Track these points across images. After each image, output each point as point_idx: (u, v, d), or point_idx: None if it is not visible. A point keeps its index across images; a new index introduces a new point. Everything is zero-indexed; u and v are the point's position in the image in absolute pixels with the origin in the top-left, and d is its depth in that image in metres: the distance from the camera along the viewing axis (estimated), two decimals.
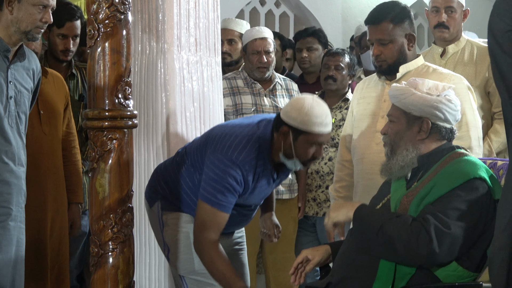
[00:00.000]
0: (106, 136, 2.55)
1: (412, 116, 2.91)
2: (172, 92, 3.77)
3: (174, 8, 3.78)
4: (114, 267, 2.57)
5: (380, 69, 3.58)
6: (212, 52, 3.95)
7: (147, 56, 3.79)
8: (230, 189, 3.11)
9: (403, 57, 3.53)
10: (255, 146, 3.15)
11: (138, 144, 3.73)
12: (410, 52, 3.55)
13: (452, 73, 3.60)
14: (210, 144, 3.20)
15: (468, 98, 3.49)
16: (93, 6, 2.54)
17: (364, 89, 3.72)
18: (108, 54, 2.54)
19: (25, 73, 3.39)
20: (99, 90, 2.54)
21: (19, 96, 3.34)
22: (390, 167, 2.94)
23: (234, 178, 3.10)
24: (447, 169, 2.82)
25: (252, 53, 4.62)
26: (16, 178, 3.32)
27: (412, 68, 3.55)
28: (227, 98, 4.56)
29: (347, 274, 2.84)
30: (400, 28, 3.51)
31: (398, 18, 3.51)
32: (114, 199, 2.56)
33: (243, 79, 4.67)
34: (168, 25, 3.76)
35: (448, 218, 2.70)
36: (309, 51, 5.28)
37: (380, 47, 3.52)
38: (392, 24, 3.49)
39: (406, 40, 3.53)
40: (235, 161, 3.10)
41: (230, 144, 3.14)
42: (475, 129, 3.49)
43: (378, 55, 3.53)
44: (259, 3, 7.63)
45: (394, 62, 3.53)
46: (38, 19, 3.28)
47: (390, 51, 3.51)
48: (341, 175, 3.78)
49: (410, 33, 3.54)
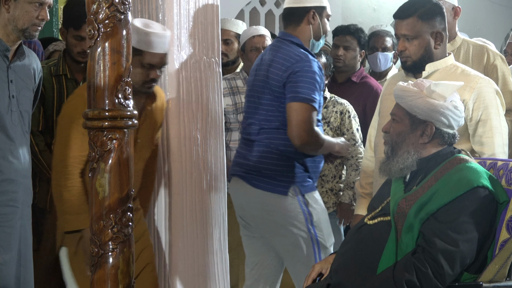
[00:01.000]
0: (106, 136, 2.55)
1: (417, 119, 2.89)
2: (172, 92, 3.78)
3: (174, 8, 3.78)
4: (114, 267, 2.56)
5: (404, 65, 3.48)
6: (212, 52, 3.95)
7: None
8: (317, 86, 3.61)
9: (429, 55, 3.43)
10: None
11: None
12: (437, 51, 3.43)
13: (480, 75, 3.48)
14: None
15: (495, 102, 3.38)
16: (93, 6, 2.54)
17: (391, 86, 3.60)
18: (108, 54, 2.54)
19: (26, 72, 3.40)
20: (99, 90, 2.55)
21: (20, 95, 3.34)
22: (389, 167, 2.93)
23: (316, 72, 3.61)
24: (449, 177, 2.80)
25: (250, 50, 4.65)
26: (22, 177, 3.33)
27: (440, 67, 3.44)
28: (226, 97, 4.58)
29: (347, 276, 2.84)
30: (427, 25, 3.40)
31: (427, 15, 3.40)
32: (114, 199, 2.56)
33: (242, 79, 4.69)
34: (168, 25, 3.76)
35: (456, 234, 2.70)
36: (346, 50, 5.17)
37: (405, 43, 3.42)
38: (419, 21, 3.39)
39: (433, 38, 3.41)
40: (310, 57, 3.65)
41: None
42: (499, 135, 3.37)
43: (403, 51, 3.44)
44: (259, 3, 7.62)
45: (419, 59, 3.43)
46: (34, 17, 3.29)
47: (415, 47, 3.41)
48: (368, 171, 3.71)
49: (438, 31, 3.42)
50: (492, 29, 7.59)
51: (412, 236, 2.77)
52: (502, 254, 2.76)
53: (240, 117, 4.53)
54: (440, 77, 3.37)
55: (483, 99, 3.36)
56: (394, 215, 2.84)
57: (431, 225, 2.74)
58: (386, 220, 2.87)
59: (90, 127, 2.57)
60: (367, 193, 3.70)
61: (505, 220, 2.76)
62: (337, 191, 4.84)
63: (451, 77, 3.37)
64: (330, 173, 4.85)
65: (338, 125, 4.90)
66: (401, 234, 2.79)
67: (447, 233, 2.70)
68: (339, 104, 4.96)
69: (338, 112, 4.92)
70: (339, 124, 4.91)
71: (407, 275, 2.68)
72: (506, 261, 2.77)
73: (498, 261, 2.76)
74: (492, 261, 2.77)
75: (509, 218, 2.76)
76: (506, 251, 2.75)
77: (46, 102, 3.94)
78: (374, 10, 7.76)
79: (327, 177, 4.84)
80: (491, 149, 3.34)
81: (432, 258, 2.68)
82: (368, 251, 2.84)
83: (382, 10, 7.87)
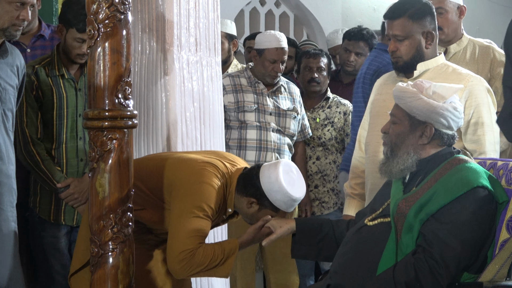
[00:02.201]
0: (106, 136, 2.55)
1: (416, 120, 2.89)
2: (172, 92, 3.78)
3: (174, 8, 3.78)
4: (114, 267, 2.57)
5: (396, 65, 3.50)
6: (212, 52, 3.95)
7: (147, 56, 3.80)
8: None
9: (420, 55, 3.45)
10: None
11: (138, 144, 3.73)
12: (428, 50, 3.46)
13: (471, 73, 3.50)
14: None
15: (486, 100, 3.41)
16: (93, 6, 2.54)
17: (382, 86, 3.65)
18: (108, 54, 2.54)
19: (9, 69, 3.33)
20: (99, 90, 2.55)
21: (4, 93, 3.28)
22: (390, 169, 2.93)
23: None
24: (448, 177, 2.80)
25: (269, 61, 4.62)
26: (6, 177, 3.28)
27: (431, 67, 3.47)
28: (229, 94, 4.56)
29: (347, 276, 2.84)
30: (418, 25, 3.42)
31: (417, 15, 3.42)
32: (114, 199, 2.56)
33: (247, 78, 4.67)
34: (168, 25, 3.76)
35: (457, 234, 2.70)
36: (357, 56, 5.19)
37: (396, 43, 3.44)
38: (410, 21, 3.41)
39: (424, 37, 3.44)
40: None
41: None
42: (491, 133, 3.39)
43: (394, 51, 3.46)
44: (259, 3, 7.62)
45: (410, 59, 3.45)
46: (15, 17, 3.24)
47: (406, 48, 3.43)
48: (357, 172, 3.73)
49: (429, 30, 3.44)
50: (492, 29, 7.59)
51: (412, 236, 2.77)
52: (502, 254, 2.76)
53: (241, 116, 4.53)
54: (431, 76, 3.39)
55: (474, 97, 3.38)
56: (394, 216, 2.84)
57: (431, 225, 2.74)
58: (386, 221, 2.87)
59: (90, 127, 2.57)
60: (356, 194, 3.72)
61: (505, 220, 2.76)
62: (338, 191, 4.85)
63: (442, 76, 3.39)
64: (332, 173, 4.87)
65: (342, 125, 4.92)
66: (401, 235, 2.79)
67: (447, 233, 2.70)
68: (342, 104, 4.98)
69: (341, 112, 4.94)
70: (342, 125, 4.92)
71: (407, 276, 2.68)
72: (506, 261, 2.77)
73: (498, 261, 2.76)
74: (492, 261, 2.77)
75: (509, 218, 2.75)
76: (506, 251, 2.75)
77: (45, 106, 3.77)
78: (374, 10, 7.75)
79: (328, 177, 4.85)
80: (483, 147, 3.37)
81: (432, 258, 2.68)
82: (368, 251, 2.84)
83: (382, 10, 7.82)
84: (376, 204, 3.01)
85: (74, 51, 3.81)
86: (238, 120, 4.54)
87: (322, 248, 3.14)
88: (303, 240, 3.15)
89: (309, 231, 3.15)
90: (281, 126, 4.59)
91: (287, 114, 4.63)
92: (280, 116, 4.61)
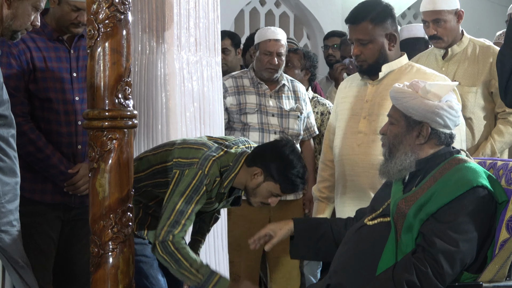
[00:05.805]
0: (106, 136, 2.55)
1: (412, 120, 2.89)
2: (172, 92, 3.78)
3: (174, 8, 3.78)
4: (114, 267, 2.57)
5: (360, 69, 3.54)
6: (212, 52, 3.96)
7: (147, 56, 3.80)
8: None
9: (384, 57, 3.49)
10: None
11: (138, 144, 3.74)
12: (391, 52, 3.51)
13: (435, 73, 3.55)
14: None
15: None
16: (93, 6, 2.54)
17: (347, 89, 3.67)
18: (108, 54, 2.54)
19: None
20: (99, 90, 2.55)
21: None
22: (388, 170, 2.94)
23: None
24: (448, 177, 2.80)
25: (263, 53, 4.61)
26: None
27: (396, 68, 3.52)
28: (231, 96, 4.55)
29: (347, 276, 2.84)
30: (380, 28, 3.46)
31: (379, 18, 3.47)
32: (114, 199, 2.56)
33: (250, 79, 4.65)
34: (168, 25, 3.77)
35: (456, 234, 2.70)
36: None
37: (360, 47, 3.48)
38: (372, 24, 3.45)
39: (387, 40, 3.48)
40: None
41: None
42: (457, 131, 3.35)
43: (358, 55, 3.49)
44: (259, 3, 7.63)
45: (375, 62, 3.49)
46: (30, 21, 3.22)
47: (370, 51, 3.47)
48: (324, 175, 3.74)
49: (391, 32, 3.49)
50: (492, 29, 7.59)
51: (411, 236, 2.77)
52: (502, 254, 2.76)
53: (244, 118, 4.52)
54: (396, 77, 3.45)
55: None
56: (394, 216, 2.84)
57: (431, 225, 2.74)
58: (386, 221, 2.87)
59: (90, 127, 2.57)
60: (324, 197, 3.73)
61: (505, 220, 2.76)
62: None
63: (407, 76, 3.42)
64: None
65: (319, 126, 4.91)
66: (400, 234, 2.80)
67: (447, 233, 2.70)
68: (321, 104, 4.98)
69: (319, 112, 4.94)
70: (319, 126, 4.91)
71: (407, 275, 2.68)
72: (506, 261, 2.77)
73: (498, 261, 2.76)
74: (492, 261, 2.77)
75: (509, 218, 2.76)
76: (506, 251, 2.75)
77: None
78: None
79: None
80: None
81: (432, 258, 2.68)
82: (368, 251, 2.84)
83: None
84: (376, 204, 3.01)
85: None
86: (241, 122, 4.53)
87: (321, 247, 3.15)
88: (302, 240, 3.16)
89: (307, 231, 3.16)
90: (283, 127, 4.57)
91: (289, 114, 4.61)
92: (282, 117, 4.59)
